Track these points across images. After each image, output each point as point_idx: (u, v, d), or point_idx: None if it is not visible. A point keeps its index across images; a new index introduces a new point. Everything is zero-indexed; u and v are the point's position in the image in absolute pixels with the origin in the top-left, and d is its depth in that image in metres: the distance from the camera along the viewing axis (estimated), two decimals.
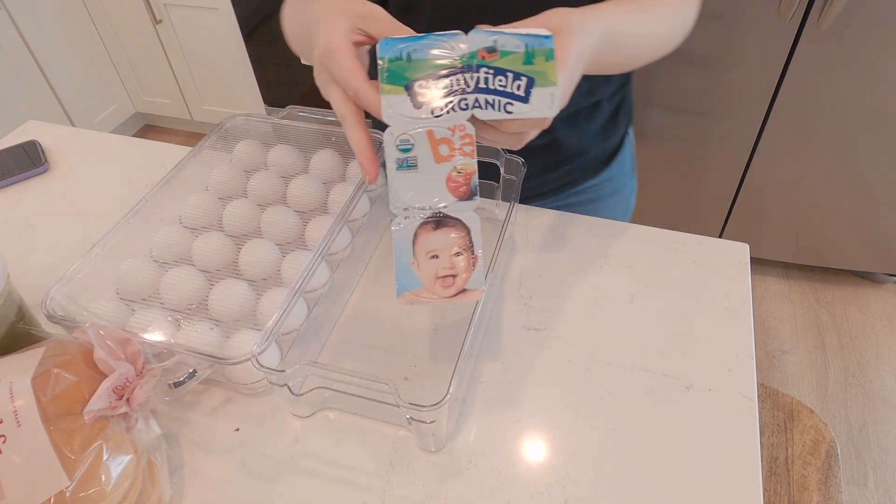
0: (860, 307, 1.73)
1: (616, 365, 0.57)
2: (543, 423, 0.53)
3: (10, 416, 0.42)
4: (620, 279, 0.64)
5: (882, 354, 1.61)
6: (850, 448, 1.42)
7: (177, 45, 2.12)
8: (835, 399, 1.52)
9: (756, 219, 1.68)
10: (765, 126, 1.48)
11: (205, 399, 0.56)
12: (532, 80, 0.42)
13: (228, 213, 0.65)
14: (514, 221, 0.66)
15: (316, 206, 0.67)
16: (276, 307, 0.53)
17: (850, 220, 1.61)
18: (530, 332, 0.60)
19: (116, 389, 0.45)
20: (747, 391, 0.54)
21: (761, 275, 1.82)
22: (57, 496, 0.40)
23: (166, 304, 0.57)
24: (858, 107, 1.39)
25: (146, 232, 0.62)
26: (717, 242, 0.68)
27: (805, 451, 0.82)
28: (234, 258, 0.61)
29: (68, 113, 2.13)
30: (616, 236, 0.69)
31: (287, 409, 0.55)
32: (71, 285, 0.55)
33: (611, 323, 0.60)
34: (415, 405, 0.44)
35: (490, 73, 0.43)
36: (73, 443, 0.42)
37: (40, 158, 0.82)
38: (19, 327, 0.54)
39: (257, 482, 0.50)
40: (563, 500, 0.48)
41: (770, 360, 1.61)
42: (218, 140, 0.72)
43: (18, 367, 0.45)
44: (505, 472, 0.50)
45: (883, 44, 1.28)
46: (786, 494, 0.78)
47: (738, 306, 0.61)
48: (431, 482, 0.49)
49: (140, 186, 0.79)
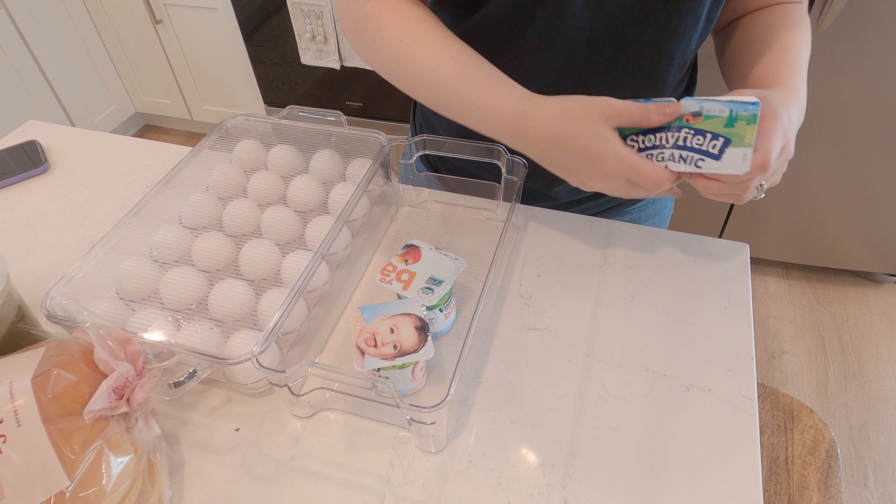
0: (860, 307, 1.73)
1: (616, 365, 0.57)
2: (543, 423, 0.53)
3: (10, 416, 0.42)
4: (620, 279, 0.64)
5: (882, 354, 1.61)
6: (850, 448, 1.42)
7: (177, 45, 2.12)
8: (835, 399, 1.52)
9: (756, 219, 1.68)
10: None
11: (205, 399, 0.56)
12: (728, 140, 0.46)
13: (228, 213, 0.65)
14: (514, 221, 0.66)
15: (316, 206, 0.67)
16: (276, 307, 0.53)
17: (850, 220, 1.61)
18: (530, 332, 0.60)
19: (116, 389, 0.45)
20: (747, 391, 0.54)
21: (761, 275, 1.82)
22: (57, 496, 0.40)
23: (166, 304, 0.57)
24: (858, 107, 1.38)
25: (146, 232, 0.62)
26: (717, 242, 0.68)
27: (805, 451, 0.82)
28: (234, 258, 0.61)
29: (68, 113, 2.13)
30: (616, 236, 0.69)
31: (287, 410, 0.55)
32: (71, 285, 0.55)
33: (611, 323, 0.60)
34: (415, 406, 0.44)
35: (690, 132, 0.48)
36: (73, 443, 0.42)
37: (40, 158, 0.82)
38: (19, 327, 0.54)
39: (257, 482, 0.50)
40: (563, 500, 0.48)
41: (770, 360, 1.61)
42: (218, 140, 0.72)
43: (18, 367, 0.45)
44: (505, 472, 0.50)
45: (883, 43, 1.28)
46: (786, 494, 0.78)
47: (738, 306, 0.61)
48: (431, 482, 0.49)
49: (140, 186, 0.79)
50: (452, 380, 0.46)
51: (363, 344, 0.49)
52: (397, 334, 0.50)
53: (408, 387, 0.53)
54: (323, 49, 1.82)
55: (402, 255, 0.58)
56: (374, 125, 2.05)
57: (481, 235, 0.70)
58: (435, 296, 0.54)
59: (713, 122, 0.46)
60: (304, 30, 1.79)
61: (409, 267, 0.57)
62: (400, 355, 0.48)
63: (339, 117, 0.71)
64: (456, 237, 0.70)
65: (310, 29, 1.78)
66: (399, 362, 0.48)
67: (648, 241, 0.68)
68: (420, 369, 0.53)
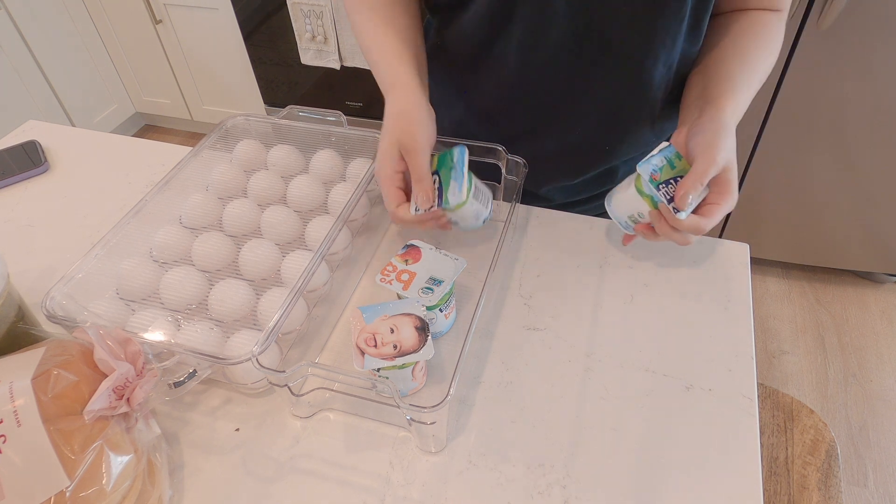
0: (860, 307, 1.73)
1: (616, 365, 0.57)
2: (543, 423, 0.53)
3: (10, 416, 0.42)
4: (620, 279, 0.64)
5: (882, 354, 1.61)
6: (850, 448, 1.42)
7: (177, 45, 2.12)
8: (835, 399, 1.52)
9: (756, 219, 1.68)
10: (765, 126, 1.48)
11: (205, 399, 0.56)
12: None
13: (228, 213, 0.65)
14: (514, 222, 0.66)
15: (316, 206, 0.67)
16: (276, 307, 0.53)
17: (850, 220, 1.61)
18: (530, 332, 0.60)
19: (116, 389, 0.45)
20: (747, 391, 0.54)
21: (761, 275, 1.82)
22: (57, 496, 0.40)
23: (166, 304, 0.57)
24: (858, 106, 1.38)
25: (146, 232, 0.62)
26: (717, 242, 0.68)
27: (805, 451, 0.81)
28: (234, 258, 0.61)
29: (68, 113, 2.13)
30: (616, 236, 0.69)
31: (287, 410, 0.55)
32: (71, 285, 0.55)
33: (611, 323, 0.60)
34: (415, 406, 0.44)
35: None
36: (73, 443, 0.42)
37: (40, 158, 0.82)
38: (19, 327, 0.54)
39: (257, 482, 0.50)
40: (563, 500, 0.48)
41: (770, 360, 1.61)
42: (218, 140, 0.72)
43: (18, 367, 0.45)
44: (505, 472, 0.50)
45: (883, 44, 1.28)
46: (786, 494, 0.78)
47: (738, 306, 0.61)
48: (431, 482, 0.49)
49: (140, 186, 0.79)
50: (452, 380, 0.46)
51: (363, 344, 0.49)
52: (397, 334, 0.50)
53: (408, 387, 0.53)
54: (323, 49, 1.81)
55: (402, 255, 0.58)
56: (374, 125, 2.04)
57: (481, 235, 0.70)
58: (435, 296, 0.54)
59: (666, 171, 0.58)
60: (304, 30, 1.79)
61: (409, 267, 0.57)
62: (400, 355, 0.48)
63: (339, 117, 0.71)
64: (456, 237, 0.70)
65: (310, 29, 1.78)
66: (399, 362, 0.48)
67: (648, 241, 0.68)
68: (420, 369, 0.53)
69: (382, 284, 0.56)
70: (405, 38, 0.63)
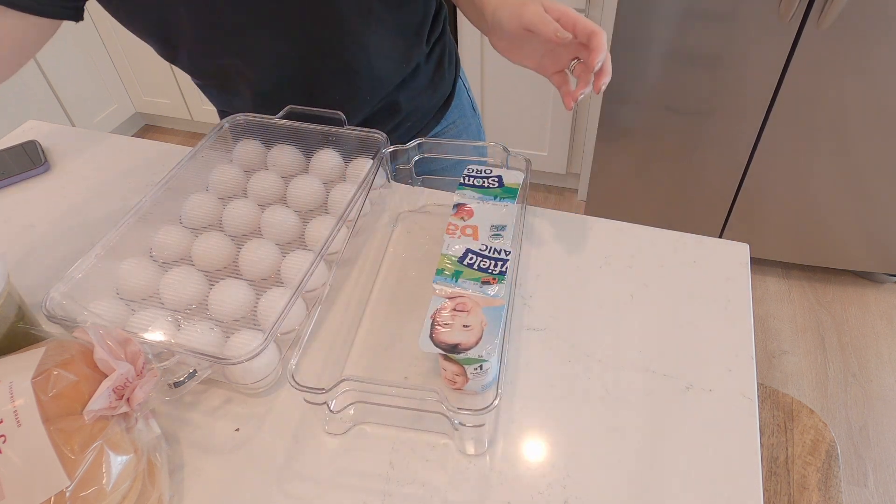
0: (860, 307, 1.73)
1: (616, 365, 0.57)
2: (543, 423, 0.53)
3: (10, 416, 0.42)
4: (620, 279, 0.64)
5: (882, 354, 1.61)
6: (850, 448, 1.42)
7: None
8: (835, 399, 1.52)
9: (756, 219, 1.68)
10: (765, 126, 1.48)
11: (205, 399, 0.56)
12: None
13: (228, 213, 0.65)
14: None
15: (316, 206, 0.67)
16: (276, 307, 0.53)
17: (850, 220, 1.61)
18: (530, 332, 0.60)
19: (116, 389, 0.45)
20: (747, 391, 0.54)
21: (761, 275, 1.82)
22: (57, 496, 0.40)
23: (166, 304, 0.57)
24: (858, 107, 1.39)
25: (146, 232, 0.62)
26: (717, 242, 0.68)
27: (805, 451, 0.82)
28: (234, 258, 0.61)
29: (68, 113, 2.13)
30: (616, 236, 0.69)
31: (286, 410, 0.55)
32: (71, 285, 0.55)
33: (611, 323, 0.60)
34: (464, 410, 0.45)
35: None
36: (73, 443, 0.42)
37: (40, 158, 0.82)
38: (19, 327, 0.54)
39: (257, 482, 0.50)
40: (563, 499, 0.48)
41: (770, 360, 1.61)
42: (218, 140, 0.72)
43: (18, 367, 0.45)
44: (505, 472, 0.50)
45: (883, 43, 1.28)
46: (786, 494, 0.78)
47: (738, 306, 0.61)
48: (431, 482, 0.49)
49: (140, 186, 0.79)
50: (498, 380, 0.48)
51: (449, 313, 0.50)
52: (473, 316, 0.50)
53: (485, 381, 0.53)
54: None
55: (455, 214, 0.59)
56: None
57: None
58: (505, 240, 0.56)
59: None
60: None
61: (469, 222, 0.58)
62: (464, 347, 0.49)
63: (339, 117, 0.71)
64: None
65: None
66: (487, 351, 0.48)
67: (648, 241, 0.68)
68: None
69: (452, 240, 0.56)
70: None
